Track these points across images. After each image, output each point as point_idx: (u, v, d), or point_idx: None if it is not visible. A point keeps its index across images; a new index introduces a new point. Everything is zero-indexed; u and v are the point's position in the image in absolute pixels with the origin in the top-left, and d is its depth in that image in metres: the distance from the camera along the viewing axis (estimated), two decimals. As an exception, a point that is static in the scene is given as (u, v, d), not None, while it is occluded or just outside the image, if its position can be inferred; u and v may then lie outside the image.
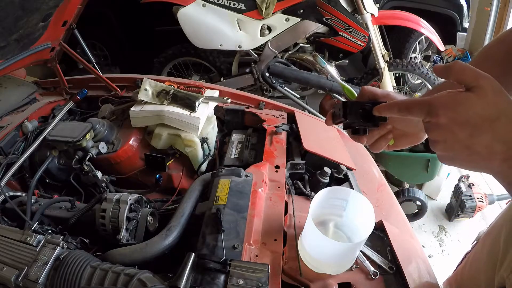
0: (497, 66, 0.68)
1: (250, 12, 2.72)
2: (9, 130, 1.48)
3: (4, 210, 1.20)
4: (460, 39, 3.30)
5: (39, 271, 0.83)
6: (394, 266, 0.97)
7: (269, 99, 1.76)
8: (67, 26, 1.57)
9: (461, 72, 0.50)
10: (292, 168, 1.31)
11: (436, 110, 0.50)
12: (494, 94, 0.47)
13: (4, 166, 1.33)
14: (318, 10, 2.66)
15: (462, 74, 0.50)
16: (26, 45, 1.41)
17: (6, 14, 1.13)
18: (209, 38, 2.78)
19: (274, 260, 0.91)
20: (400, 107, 0.56)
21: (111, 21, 3.72)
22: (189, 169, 1.56)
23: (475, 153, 0.49)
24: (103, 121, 1.52)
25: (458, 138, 0.49)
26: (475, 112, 0.47)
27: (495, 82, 0.48)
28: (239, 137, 1.57)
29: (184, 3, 2.71)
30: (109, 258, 0.95)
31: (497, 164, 0.48)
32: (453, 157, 0.52)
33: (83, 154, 1.38)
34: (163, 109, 1.49)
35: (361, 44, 2.72)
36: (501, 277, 0.65)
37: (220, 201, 1.04)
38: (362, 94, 0.70)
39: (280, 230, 1.02)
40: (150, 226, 1.13)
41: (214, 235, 0.93)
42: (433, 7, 3.42)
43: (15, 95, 1.73)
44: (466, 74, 0.49)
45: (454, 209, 2.46)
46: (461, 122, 0.48)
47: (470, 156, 0.50)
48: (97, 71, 1.78)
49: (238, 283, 0.78)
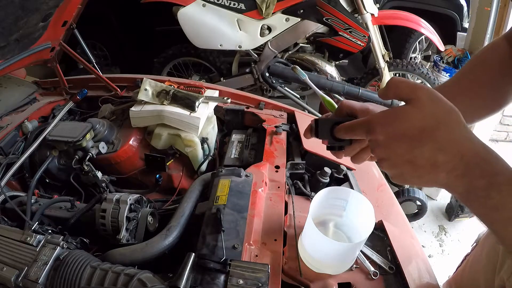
0: (489, 72, 0.68)
1: (250, 12, 2.72)
2: (9, 130, 1.48)
3: (4, 210, 1.20)
4: (460, 39, 3.30)
5: (39, 271, 0.83)
6: (394, 266, 0.97)
7: (269, 99, 1.75)
8: (67, 26, 1.57)
9: (397, 87, 0.49)
10: (292, 168, 1.31)
11: (374, 128, 0.49)
12: (431, 103, 0.45)
13: (4, 166, 1.33)
14: (318, 10, 2.66)
15: (398, 89, 0.48)
16: (26, 45, 1.41)
17: (6, 14, 1.13)
18: (209, 38, 2.78)
19: (274, 260, 0.91)
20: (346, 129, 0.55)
21: (111, 21, 3.72)
22: (189, 169, 1.56)
23: (419, 167, 0.47)
24: (103, 121, 1.52)
25: (398, 153, 0.47)
26: (412, 125, 0.45)
27: (432, 92, 0.46)
28: (239, 137, 1.57)
29: (184, 3, 2.71)
30: (109, 258, 0.95)
31: (443, 176, 0.46)
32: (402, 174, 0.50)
33: (83, 154, 1.38)
34: (163, 109, 1.49)
35: (361, 44, 2.72)
36: (501, 279, 0.65)
37: (220, 201, 1.04)
38: (340, 109, 0.66)
39: (280, 230, 1.02)
40: (150, 226, 1.13)
41: (214, 235, 0.93)
42: (433, 7, 3.42)
43: (15, 95, 1.73)
44: (401, 88, 0.48)
45: (454, 209, 2.46)
46: (398, 137, 0.46)
47: (416, 171, 0.47)
48: (97, 71, 1.78)
49: (238, 283, 0.78)
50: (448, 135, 0.44)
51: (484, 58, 0.72)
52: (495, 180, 0.41)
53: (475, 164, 0.43)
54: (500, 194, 0.41)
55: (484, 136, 2.92)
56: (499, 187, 0.41)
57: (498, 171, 0.42)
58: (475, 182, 0.43)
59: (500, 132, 3.31)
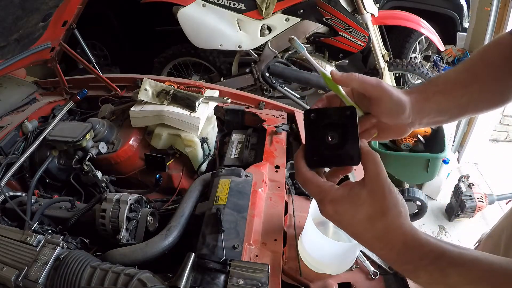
0: (491, 68, 0.67)
1: (250, 12, 2.72)
2: (9, 130, 1.48)
3: (4, 210, 1.20)
4: (460, 39, 3.30)
5: (39, 271, 0.83)
6: (394, 266, 0.96)
7: (269, 99, 1.76)
8: (67, 26, 1.57)
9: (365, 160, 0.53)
10: (292, 168, 1.31)
11: (323, 204, 0.54)
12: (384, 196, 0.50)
13: (4, 166, 1.33)
14: (318, 10, 2.66)
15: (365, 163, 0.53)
16: (26, 45, 1.41)
17: (6, 14, 1.13)
18: (209, 38, 2.78)
19: (274, 260, 0.91)
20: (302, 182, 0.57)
21: (111, 21, 3.72)
22: (189, 169, 1.56)
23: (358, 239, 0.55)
24: (103, 121, 1.52)
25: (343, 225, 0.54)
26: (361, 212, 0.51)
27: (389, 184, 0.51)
28: (239, 137, 1.57)
29: (184, 3, 2.71)
30: (109, 258, 0.95)
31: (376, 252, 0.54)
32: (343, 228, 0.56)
33: (83, 154, 1.38)
34: (163, 109, 1.49)
35: (361, 44, 2.72)
36: None
37: (220, 201, 1.04)
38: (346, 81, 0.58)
39: (280, 230, 1.02)
40: (150, 226, 1.13)
41: (214, 235, 0.93)
42: (433, 7, 3.42)
43: (15, 95, 1.73)
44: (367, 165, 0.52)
45: (454, 209, 2.46)
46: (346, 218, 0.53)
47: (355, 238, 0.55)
48: (97, 71, 1.78)
49: (238, 283, 0.78)
50: (386, 227, 0.50)
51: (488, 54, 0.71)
52: (420, 263, 0.48)
53: (403, 252, 0.50)
54: (427, 273, 0.48)
55: (484, 136, 2.92)
56: (425, 268, 0.48)
57: (423, 256, 0.48)
58: (404, 266, 0.51)
59: (500, 132, 3.31)
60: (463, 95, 0.64)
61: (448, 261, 0.47)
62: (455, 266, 0.47)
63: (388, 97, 0.58)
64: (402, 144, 2.45)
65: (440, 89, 0.64)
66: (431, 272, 0.48)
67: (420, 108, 0.62)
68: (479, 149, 2.95)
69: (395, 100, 0.59)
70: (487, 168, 2.99)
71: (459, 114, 0.67)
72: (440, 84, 0.65)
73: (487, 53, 0.70)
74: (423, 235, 0.50)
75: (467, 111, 0.68)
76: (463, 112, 0.67)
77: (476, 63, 0.69)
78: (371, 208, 0.51)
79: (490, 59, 0.69)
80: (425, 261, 0.48)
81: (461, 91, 0.64)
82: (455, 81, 0.66)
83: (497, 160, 3.11)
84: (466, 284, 0.46)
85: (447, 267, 0.47)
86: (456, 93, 0.64)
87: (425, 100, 0.63)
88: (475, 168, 3.00)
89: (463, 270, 0.47)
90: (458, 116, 0.68)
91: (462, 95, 0.64)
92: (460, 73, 0.67)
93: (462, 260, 0.47)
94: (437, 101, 0.63)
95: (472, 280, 0.46)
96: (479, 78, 0.66)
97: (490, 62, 0.68)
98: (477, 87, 0.66)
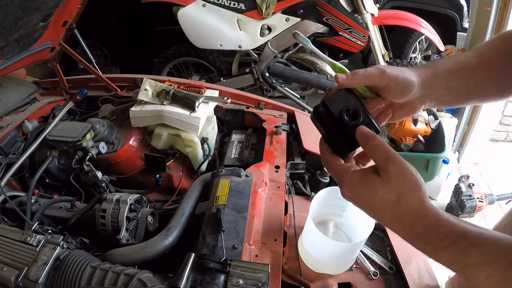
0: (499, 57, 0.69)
1: (250, 12, 2.72)
2: (9, 130, 1.48)
3: (4, 210, 1.20)
4: (460, 39, 3.30)
5: (39, 271, 0.83)
6: (394, 266, 0.97)
7: (269, 99, 1.76)
8: (67, 26, 1.57)
9: (374, 150, 0.54)
10: (292, 168, 1.31)
11: (342, 187, 0.56)
12: (398, 179, 0.52)
13: (4, 166, 1.33)
14: (318, 10, 2.66)
15: (375, 152, 0.54)
16: (26, 45, 1.41)
17: (6, 14, 1.13)
18: (209, 38, 2.78)
19: (274, 260, 0.91)
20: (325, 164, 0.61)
21: (111, 21, 3.71)
22: (189, 169, 1.56)
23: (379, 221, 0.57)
24: (103, 121, 1.52)
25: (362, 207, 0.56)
26: (376, 197, 0.53)
27: (400, 167, 0.52)
28: (239, 137, 1.57)
29: (184, 3, 2.71)
30: (109, 258, 0.95)
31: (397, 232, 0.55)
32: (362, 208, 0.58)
33: (83, 154, 1.38)
34: (163, 109, 1.49)
35: (361, 44, 2.72)
36: None
37: (220, 201, 1.04)
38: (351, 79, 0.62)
39: (280, 230, 1.02)
40: (150, 226, 1.13)
41: (214, 235, 0.93)
42: (433, 7, 3.42)
43: (15, 95, 1.73)
44: (377, 154, 0.54)
45: (454, 209, 2.46)
46: (363, 202, 0.55)
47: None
48: (97, 71, 1.78)
49: (238, 283, 0.78)
50: (405, 210, 0.51)
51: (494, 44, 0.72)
52: (441, 244, 0.49)
53: (423, 234, 0.51)
54: (447, 253, 0.49)
55: (484, 136, 2.92)
56: (446, 249, 0.49)
57: (444, 237, 0.49)
58: (425, 246, 0.52)
59: (500, 132, 3.31)
60: (470, 77, 0.67)
61: (469, 241, 0.48)
62: (476, 246, 0.47)
63: (394, 83, 0.61)
64: (402, 144, 2.45)
65: (449, 67, 0.67)
66: (452, 253, 0.49)
67: (429, 83, 0.65)
68: (479, 149, 2.95)
69: (401, 82, 0.62)
70: (487, 168, 2.99)
71: (467, 96, 0.69)
72: (450, 62, 0.68)
73: (496, 43, 0.72)
74: (443, 214, 0.51)
75: (475, 95, 0.70)
76: (470, 95, 0.69)
77: (485, 51, 0.71)
78: (387, 191, 0.52)
79: (499, 48, 0.70)
80: (446, 242, 0.49)
81: (468, 72, 0.67)
82: (463, 62, 0.68)
83: (497, 160, 3.11)
84: (486, 263, 0.47)
85: (467, 248, 0.48)
86: (464, 73, 0.67)
87: (434, 75, 0.66)
88: (475, 168, 3.00)
89: (483, 250, 0.47)
90: (466, 99, 0.70)
91: (469, 76, 0.67)
92: (469, 56, 0.70)
93: (483, 240, 0.48)
94: (446, 77, 0.66)
95: (492, 259, 0.47)
96: (487, 63, 0.68)
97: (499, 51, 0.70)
98: (484, 71, 0.68)
